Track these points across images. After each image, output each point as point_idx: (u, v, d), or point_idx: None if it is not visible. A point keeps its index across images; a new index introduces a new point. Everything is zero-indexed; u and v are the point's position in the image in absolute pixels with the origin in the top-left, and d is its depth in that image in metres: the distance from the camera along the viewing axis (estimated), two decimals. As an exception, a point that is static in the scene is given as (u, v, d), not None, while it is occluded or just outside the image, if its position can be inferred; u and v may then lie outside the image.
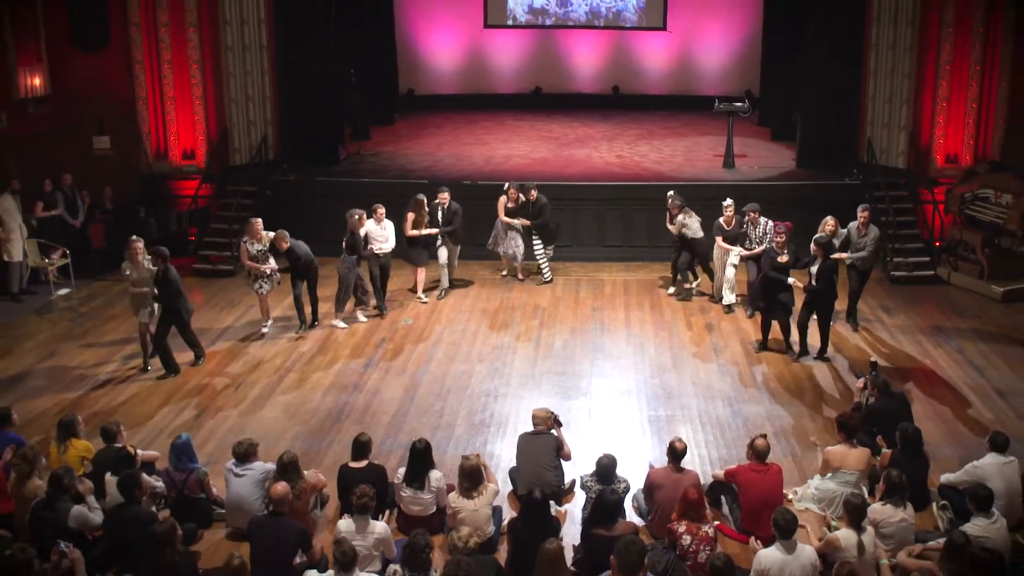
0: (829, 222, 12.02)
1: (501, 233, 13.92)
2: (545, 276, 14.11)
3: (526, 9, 22.03)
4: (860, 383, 9.38)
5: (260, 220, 12.12)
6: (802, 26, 16.44)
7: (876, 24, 15.56)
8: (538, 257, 14.02)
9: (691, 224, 12.94)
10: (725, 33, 21.55)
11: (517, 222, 13.74)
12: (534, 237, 13.88)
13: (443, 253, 13.50)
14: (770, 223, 12.24)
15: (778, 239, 11.43)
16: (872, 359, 10.35)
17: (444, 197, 13.29)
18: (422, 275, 13.46)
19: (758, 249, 12.15)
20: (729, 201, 12.80)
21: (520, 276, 14.24)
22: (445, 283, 13.68)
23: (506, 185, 13.82)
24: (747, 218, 12.48)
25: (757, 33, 20.56)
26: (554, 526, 7.38)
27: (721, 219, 12.79)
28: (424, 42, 21.88)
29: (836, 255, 11.53)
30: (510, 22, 22.05)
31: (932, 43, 15.10)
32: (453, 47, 22.02)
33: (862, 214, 11.96)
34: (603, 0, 21.89)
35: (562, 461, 8.41)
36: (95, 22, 15.62)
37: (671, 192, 13.25)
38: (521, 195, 13.68)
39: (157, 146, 16.01)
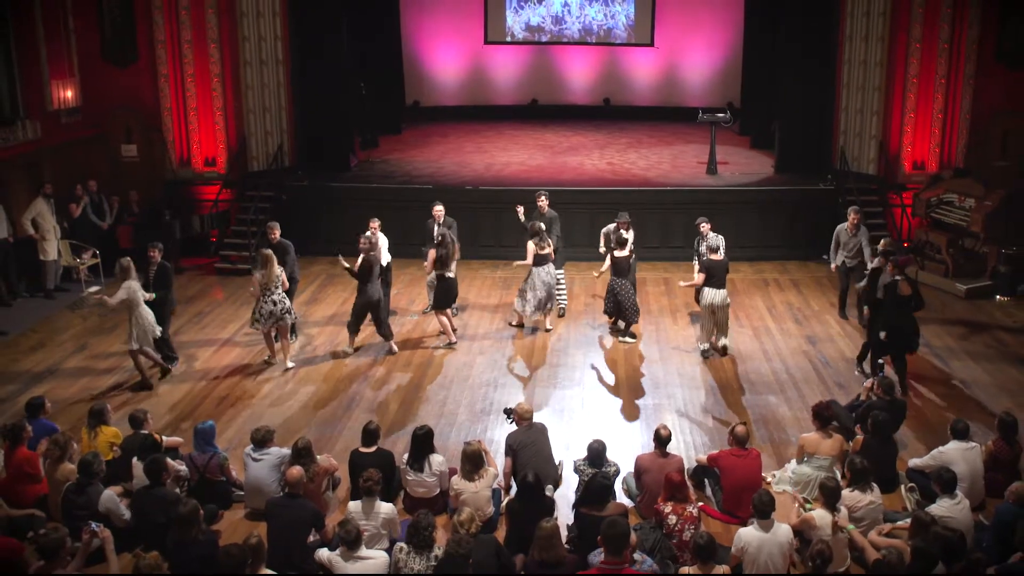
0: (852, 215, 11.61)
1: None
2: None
3: (523, 27, 21.99)
4: (868, 383, 9.17)
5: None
6: (780, 42, 16.46)
7: (849, 41, 15.61)
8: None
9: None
10: (708, 49, 21.50)
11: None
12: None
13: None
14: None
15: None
16: (880, 361, 9.89)
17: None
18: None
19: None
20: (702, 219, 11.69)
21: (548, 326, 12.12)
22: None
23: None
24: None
25: (738, 49, 20.54)
26: (549, 506, 7.38)
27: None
28: (429, 57, 21.84)
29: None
30: (508, 39, 22.01)
31: (900, 59, 15.10)
32: (456, 62, 21.99)
33: (853, 216, 11.75)
34: (595, 18, 21.86)
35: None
36: (124, 40, 15.77)
37: (625, 214, 11.91)
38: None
39: (181, 154, 15.99)
